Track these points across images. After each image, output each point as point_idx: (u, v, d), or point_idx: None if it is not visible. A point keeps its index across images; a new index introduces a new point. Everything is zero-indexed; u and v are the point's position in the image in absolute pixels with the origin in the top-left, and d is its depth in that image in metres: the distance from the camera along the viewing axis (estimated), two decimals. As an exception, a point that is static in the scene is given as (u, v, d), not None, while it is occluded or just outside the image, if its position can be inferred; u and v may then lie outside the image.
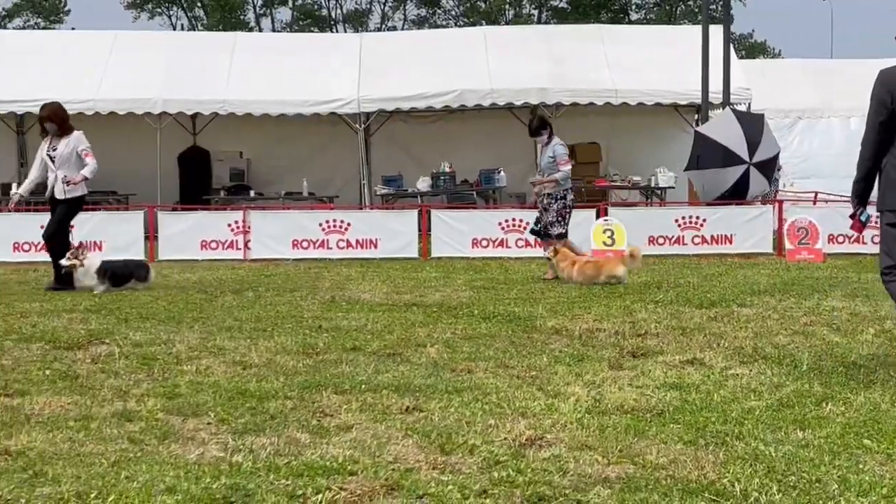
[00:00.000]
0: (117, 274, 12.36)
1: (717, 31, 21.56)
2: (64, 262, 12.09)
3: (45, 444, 5.25)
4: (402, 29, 66.76)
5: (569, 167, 13.74)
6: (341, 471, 4.75)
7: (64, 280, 12.21)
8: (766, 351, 7.85)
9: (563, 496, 4.42)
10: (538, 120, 14.00)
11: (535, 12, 68.65)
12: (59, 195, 12.36)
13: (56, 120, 12.44)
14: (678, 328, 9.03)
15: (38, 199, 21.75)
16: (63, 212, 12.45)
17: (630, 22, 63.52)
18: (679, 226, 17.75)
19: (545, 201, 13.74)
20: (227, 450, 5.14)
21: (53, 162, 12.33)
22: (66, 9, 68.26)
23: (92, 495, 4.41)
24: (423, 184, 22.41)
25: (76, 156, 12.34)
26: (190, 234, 17.41)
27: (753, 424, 5.56)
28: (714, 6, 25.69)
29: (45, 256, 15.76)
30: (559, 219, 13.65)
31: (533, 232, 14.59)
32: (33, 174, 12.74)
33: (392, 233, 17.73)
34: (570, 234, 14.00)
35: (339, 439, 5.34)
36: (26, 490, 4.49)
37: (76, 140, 12.42)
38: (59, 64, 22.01)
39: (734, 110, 20.26)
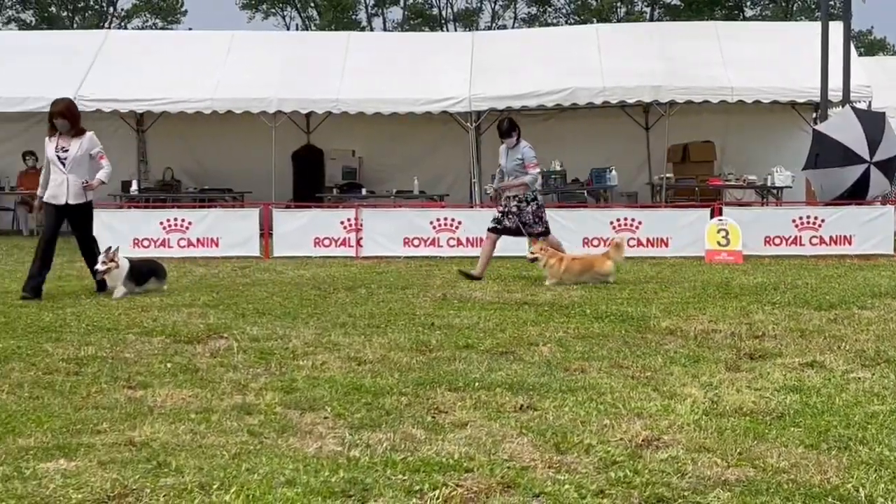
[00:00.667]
0: (142, 272, 12.24)
1: (835, 28, 21.04)
2: (100, 267, 11.75)
3: (167, 435, 5.39)
4: (513, 27, 66.67)
5: (537, 171, 13.53)
6: (457, 468, 4.77)
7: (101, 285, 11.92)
8: (889, 354, 7.65)
9: (682, 498, 4.38)
10: (508, 122, 13.65)
11: (648, 10, 67.96)
12: (73, 200, 11.76)
13: (69, 117, 11.79)
14: (797, 330, 8.86)
15: (157, 195, 22.47)
16: (84, 220, 12.02)
17: (745, 19, 62.46)
18: (796, 226, 17.36)
19: (513, 205, 13.43)
20: (345, 444, 5.21)
21: (64, 163, 11.70)
22: (182, 9, 69.77)
23: (214, 486, 4.50)
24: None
25: (90, 158, 11.85)
26: (303, 232, 17.62)
27: (877, 429, 5.44)
28: (833, 2, 25.03)
29: (162, 252, 16.23)
30: (536, 219, 13.46)
31: (492, 230, 13.71)
32: (47, 177, 11.90)
33: (502, 231, 17.69)
34: (680, 232, 13.74)
35: (455, 436, 5.36)
36: (150, 479, 4.61)
37: (90, 141, 11.85)
38: (177, 63, 22.47)
39: (854, 108, 19.76)
